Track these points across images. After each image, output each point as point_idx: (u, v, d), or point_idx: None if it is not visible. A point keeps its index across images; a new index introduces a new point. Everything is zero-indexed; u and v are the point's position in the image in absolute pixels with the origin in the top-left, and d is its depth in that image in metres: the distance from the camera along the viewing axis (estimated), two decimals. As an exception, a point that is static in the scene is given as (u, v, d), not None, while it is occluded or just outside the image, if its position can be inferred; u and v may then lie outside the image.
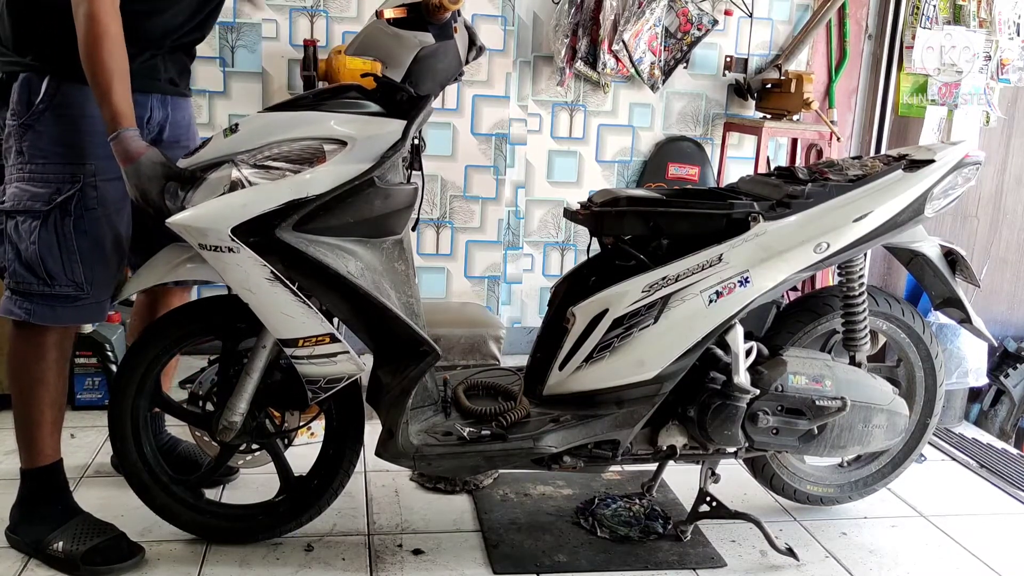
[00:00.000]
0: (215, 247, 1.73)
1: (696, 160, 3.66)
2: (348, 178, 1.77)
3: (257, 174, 1.76)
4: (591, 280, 2.12)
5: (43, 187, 1.88)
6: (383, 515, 2.29)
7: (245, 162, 1.76)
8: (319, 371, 1.85)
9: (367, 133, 1.79)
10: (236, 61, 3.22)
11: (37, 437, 2.00)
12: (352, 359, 1.84)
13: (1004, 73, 3.76)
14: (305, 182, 1.75)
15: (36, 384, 1.97)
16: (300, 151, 1.77)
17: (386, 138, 1.80)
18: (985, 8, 3.69)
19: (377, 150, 1.79)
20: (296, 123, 1.79)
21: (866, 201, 2.03)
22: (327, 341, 1.81)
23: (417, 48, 1.82)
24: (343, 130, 1.78)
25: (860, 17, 3.75)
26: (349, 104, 1.82)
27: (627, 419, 2.01)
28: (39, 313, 1.92)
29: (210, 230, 1.72)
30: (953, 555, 2.27)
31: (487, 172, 3.42)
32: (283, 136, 1.77)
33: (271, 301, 1.78)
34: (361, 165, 1.78)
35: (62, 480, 2.07)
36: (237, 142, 1.78)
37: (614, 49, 3.40)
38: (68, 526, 2.00)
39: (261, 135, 1.78)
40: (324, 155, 1.77)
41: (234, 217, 1.72)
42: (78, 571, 1.95)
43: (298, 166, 1.77)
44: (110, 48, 1.74)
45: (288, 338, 1.81)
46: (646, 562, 2.12)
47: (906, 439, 2.36)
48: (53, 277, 1.90)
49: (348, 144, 1.77)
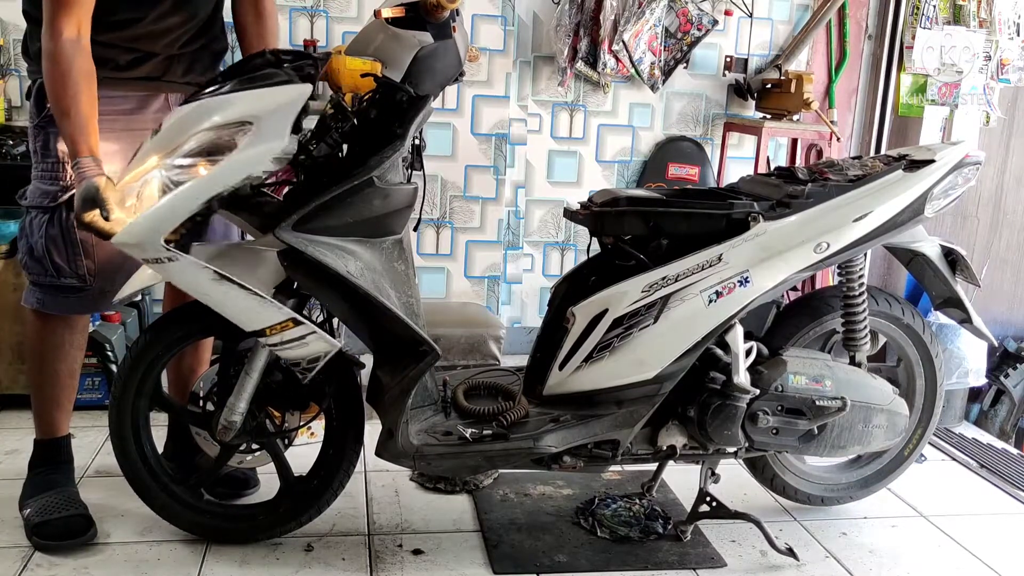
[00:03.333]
0: (156, 259, 1.73)
1: (696, 160, 3.66)
2: (262, 160, 1.73)
3: (180, 174, 1.73)
4: (591, 280, 2.12)
5: (52, 185, 1.99)
6: (383, 515, 2.29)
7: (168, 164, 1.73)
8: (295, 354, 1.85)
9: (268, 107, 1.73)
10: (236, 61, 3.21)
11: (44, 412, 2.16)
12: (321, 337, 1.84)
13: (1004, 73, 3.76)
14: (220, 175, 1.72)
15: (47, 365, 2.11)
16: (212, 141, 1.73)
17: (292, 106, 1.74)
18: (985, 8, 3.68)
19: (285, 122, 1.74)
20: (202, 113, 1.74)
21: (866, 201, 2.03)
22: (291, 326, 1.81)
23: (416, 48, 1.82)
24: (243, 110, 1.72)
25: (860, 17, 3.75)
26: (252, 78, 1.77)
27: (627, 419, 2.01)
28: (48, 303, 2.05)
29: (146, 243, 1.71)
30: (953, 555, 2.27)
31: (487, 172, 3.42)
32: (194, 129, 1.73)
33: (224, 299, 1.78)
34: (272, 143, 1.73)
35: (60, 455, 2.19)
36: (159, 144, 1.76)
37: (614, 49, 3.40)
38: (43, 496, 2.11)
39: (177, 133, 1.74)
40: (235, 141, 1.72)
41: (164, 225, 1.71)
42: (31, 540, 2.06)
43: (215, 157, 1.73)
44: (64, 84, 1.79)
45: (255, 329, 1.82)
46: (646, 562, 2.11)
47: (906, 439, 2.36)
48: (59, 269, 2.01)
49: (253, 124, 1.72)
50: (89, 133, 1.80)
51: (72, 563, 2.00)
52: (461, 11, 1.90)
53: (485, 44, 3.32)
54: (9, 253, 2.75)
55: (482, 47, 3.31)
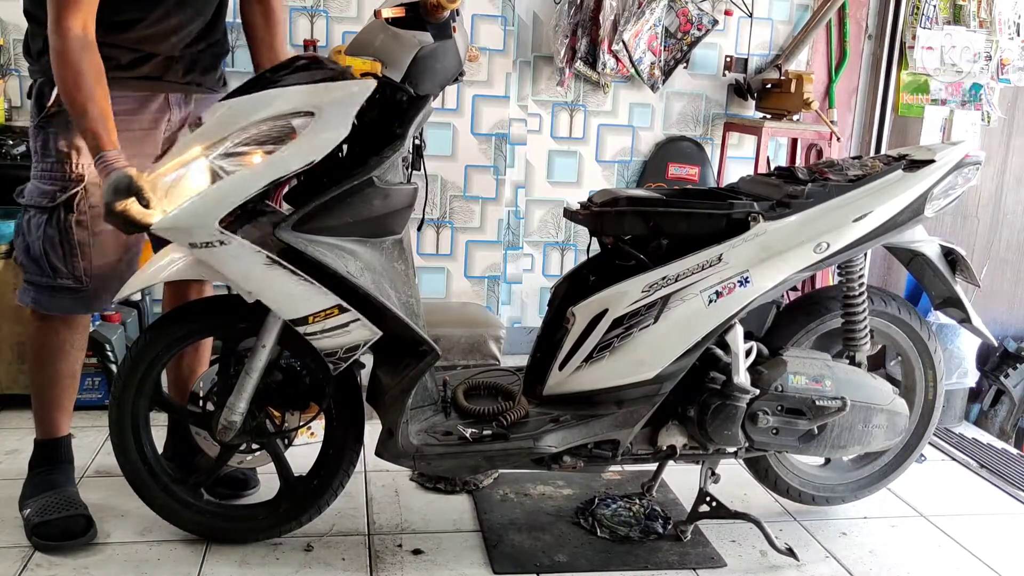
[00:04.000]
0: (206, 243, 1.73)
1: (696, 160, 3.66)
2: (325, 149, 1.75)
3: (232, 163, 1.75)
4: (591, 280, 2.12)
5: (50, 185, 1.99)
6: (383, 515, 2.29)
7: (217, 153, 1.75)
8: (334, 343, 1.84)
9: (332, 98, 1.75)
10: (236, 61, 3.21)
11: (44, 412, 2.15)
12: (364, 324, 1.84)
13: (1004, 73, 3.76)
14: (282, 160, 1.74)
15: (47, 366, 2.11)
16: (269, 132, 1.75)
17: (354, 98, 1.77)
18: (985, 8, 3.69)
19: (348, 113, 1.76)
20: (259, 104, 1.76)
21: (866, 201, 2.03)
22: (336, 313, 1.81)
23: (416, 48, 1.82)
24: (307, 100, 1.75)
25: (860, 17, 3.75)
26: (309, 74, 1.79)
27: (627, 419, 2.01)
28: (44, 302, 2.05)
29: (196, 227, 1.72)
30: (953, 555, 2.27)
31: (487, 172, 3.42)
32: (249, 120, 1.74)
33: (272, 285, 1.78)
34: (335, 132, 1.75)
35: (59, 455, 2.19)
36: (205, 135, 1.77)
37: (614, 49, 3.40)
38: (43, 496, 2.10)
39: (227, 124, 1.76)
40: (294, 130, 1.75)
41: (218, 209, 1.72)
42: (30, 538, 2.06)
43: (271, 147, 1.75)
44: (77, 82, 1.79)
45: (297, 317, 1.81)
46: (646, 562, 2.12)
47: (906, 439, 2.36)
48: (55, 270, 2.01)
49: (315, 114, 1.74)
50: (110, 128, 1.81)
51: (72, 563, 2.00)
52: (461, 11, 1.90)
53: (485, 44, 3.33)
54: (8, 253, 2.75)
55: (482, 47, 3.31)
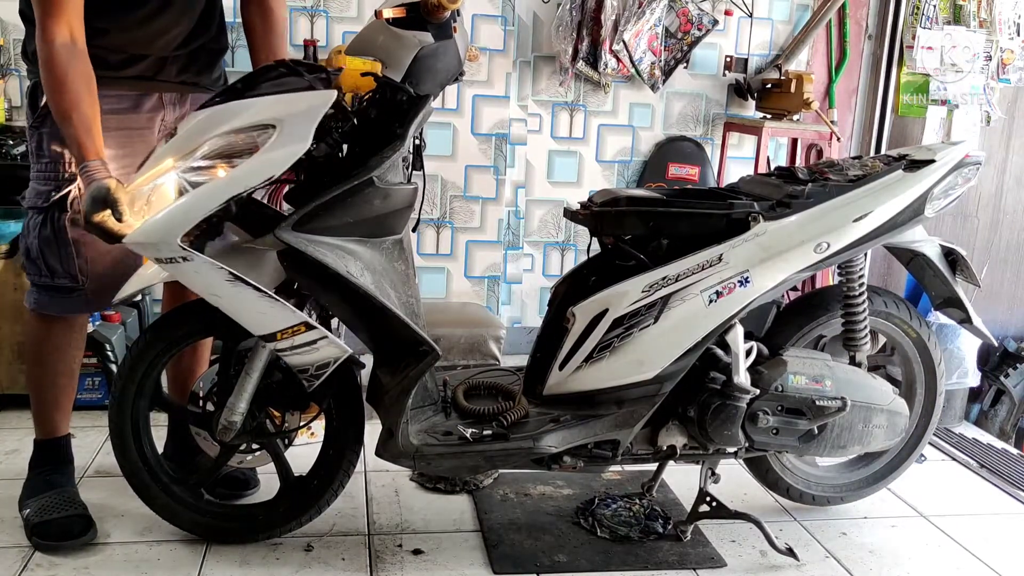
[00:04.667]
0: (170, 259, 1.72)
1: (696, 160, 3.66)
2: (286, 162, 1.73)
3: (197, 176, 1.74)
4: (591, 280, 2.12)
5: (44, 185, 2.00)
6: (383, 515, 2.29)
7: (185, 166, 1.74)
8: (304, 360, 1.84)
9: (293, 111, 1.74)
10: (236, 61, 3.21)
11: (43, 413, 2.16)
12: (332, 342, 1.83)
13: (1004, 73, 3.76)
14: (243, 175, 1.72)
15: (46, 366, 2.11)
16: (234, 144, 1.74)
17: (315, 111, 1.74)
18: (985, 8, 3.69)
19: (309, 126, 1.74)
20: (223, 116, 1.75)
21: (866, 201, 2.03)
22: (303, 330, 1.80)
23: (417, 48, 1.82)
24: (267, 114, 1.73)
25: (860, 17, 3.75)
26: (276, 84, 1.78)
27: (627, 419, 2.01)
28: (44, 303, 2.06)
29: (161, 243, 1.71)
30: (953, 555, 2.27)
31: (487, 172, 3.42)
32: (213, 132, 1.74)
33: (238, 301, 1.77)
34: (296, 146, 1.73)
35: (59, 455, 2.19)
36: (175, 147, 1.77)
37: (614, 49, 3.40)
38: (42, 496, 2.10)
39: (194, 136, 1.75)
40: (256, 144, 1.73)
41: (180, 226, 1.70)
42: (30, 538, 2.07)
43: (234, 160, 1.74)
44: (61, 90, 1.79)
45: (265, 333, 1.81)
46: (646, 562, 2.11)
47: (906, 439, 2.36)
48: (52, 270, 2.02)
49: (276, 127, 1.73)
50: (94, 136, 1.80)
51: (72, 563, 2.00)
52: (461, 11, 1.90)
53: (485, 44, 3.33)
54: (9, 253, 2.75)
55: (482, 47, 3.32)
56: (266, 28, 2.18)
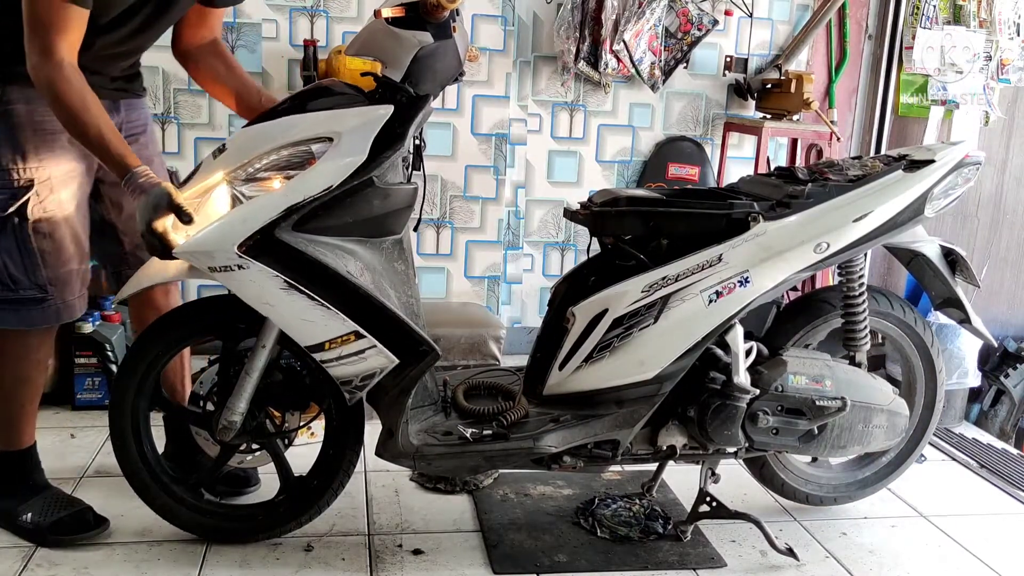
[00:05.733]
0: (224, 267, 1.74)
1: (696, 160, 3.66)
2: (343, 174, 1.76)
3: (252, 188, 1.77)
4: (591, 280, 2.12)
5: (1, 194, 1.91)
6: (383, 515, 2.29)
7: (238, 178, 1.77)
8: (351, 371, 1.84)
9: (351, 124, 1.78)
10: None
11: (15, 425, 2.09)
12: (381, 352, 1.83)
13: (1004, 73, 3.76)
14: (300, 186, 1.75)
15: (18, 382, 2.05)
16: (289, 157, 1.78)
17: (372, 124, 1.78)
18: (985, 8, 3.68)
19: (366, 139, 1.78)
20: (280, 130, 1.79)
21: (866, 201, 2.03)
22: (352, 339, 1.81)
23: (416, 48, 1.82)
24: (327, 127, 1.77)
25: (860, 17, 3.75)
26: (330, 100, 1.81)
27: (627, 419, 2.01)
28: (8, 319, 1.97)
29: (217, 251, 1.73)
30: (953, 555, 2.27)
31: (487, 172, 3.42)
32: (270, 146, 1.77)
33: (290, 310, 1.78)
34: (354, 158, 1.77)
35: (34, 461, 2.16)
36: (226, 161, 1.79)
37: (615, 49, 3.40)
38: (37, 500, 2.09)
39: (248, 149, 1.78)
40: (313, 156, 1.77)
41: (237, 234, 1.73)
42: (45, 541, 2.04)
43: (290, 172, 1.77)
44: (86, 111, 1.76)
45: (314, 343, 1.81)
46: (646, 562, 2.11)
47: (906, 439, 2.35)
48: (16, 282, 1.94)
49: (334, 140, 1.77)
50: (127, 146, 1.80)
51: (72, 563, 2.00)
52: (461, 11, 1.90)
53: (485, 44, 3.33)
54: None
55: (482, 47, 3.32)
56: (229, 66, 2.15)
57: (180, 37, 2.13)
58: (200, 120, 3.22)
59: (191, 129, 3.24)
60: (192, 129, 3.24)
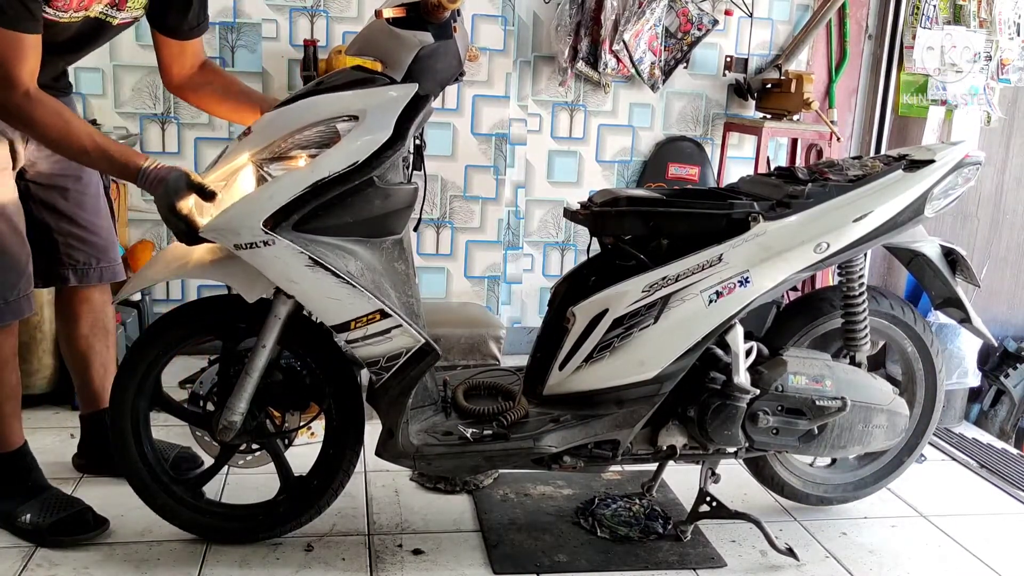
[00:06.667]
0: (250, 244, 1.75)
1: (696, 160, 3.66)
2: (368, 150, 1.78)
3: (278, 167, 1.78)
4: (591, 280, 2.12)
5: None
6: (383, 515, 2.29)
7: (264, 159, 1.79)
8: (377, 350, 1.84)
9: (376, 102, 1.79)
10: (236, 61, 3.22)
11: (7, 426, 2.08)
12: (407, 331, 1.84)
13: (1004, 73, 3.76)
14: (326, 162, 1.76)
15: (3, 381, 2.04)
16: (314, 136, 1.79)
17: (398, 102, 1.80)
18: (985, 8, 3.68)
19: (391, 116, 1.79)
20: (305, 111, 1.80)
21: (866, 201, 2.03)
22: (378, 318, 1.81)
23: (417, 48, 1.82)
24: (351, 105, 1.79)
25: (860, 17, 3.75)
26: (353, 81, 1.83)
27: (627, 419, 2.01)
28: None
29: (243, 227, 1.74)
30: (953, 555, 2.27)
31: (487, 172, 3.42)
32: (295, 126, 1.78)
33: (316, 288, 1.78)
34: (379, 135, 1.78)
35: (28, 461, 2.15)
36: (252, 142, 1.80)
37: (614, 49, 3.40)
38: (35, 500, 2.08)
39: (274, 131, 1.79)
40: (338, 134, 1.78)
41: (263, 210, 1.74)
42: (45, 541, 2.04)
43: (315, 150, 1.78)
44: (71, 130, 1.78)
45: (339, 322, 1.81)
46: (646, 562, 2.11)
47: (906, 439, 2.35)
48: None
49: (360, 117, 1.78)
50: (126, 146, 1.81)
51: (72, 563, 2.00)
52: (461, 11, 1.90)
53: (485, 44, 3.33)
54: None
55: (482, 47, 3.32)
56: (225, 81, 2.16)
57: (168, 72, 2.13)
58: (200, 120, 3.22)
59: (191, 129, 3.25)
60: (192, 129, 3.25)
